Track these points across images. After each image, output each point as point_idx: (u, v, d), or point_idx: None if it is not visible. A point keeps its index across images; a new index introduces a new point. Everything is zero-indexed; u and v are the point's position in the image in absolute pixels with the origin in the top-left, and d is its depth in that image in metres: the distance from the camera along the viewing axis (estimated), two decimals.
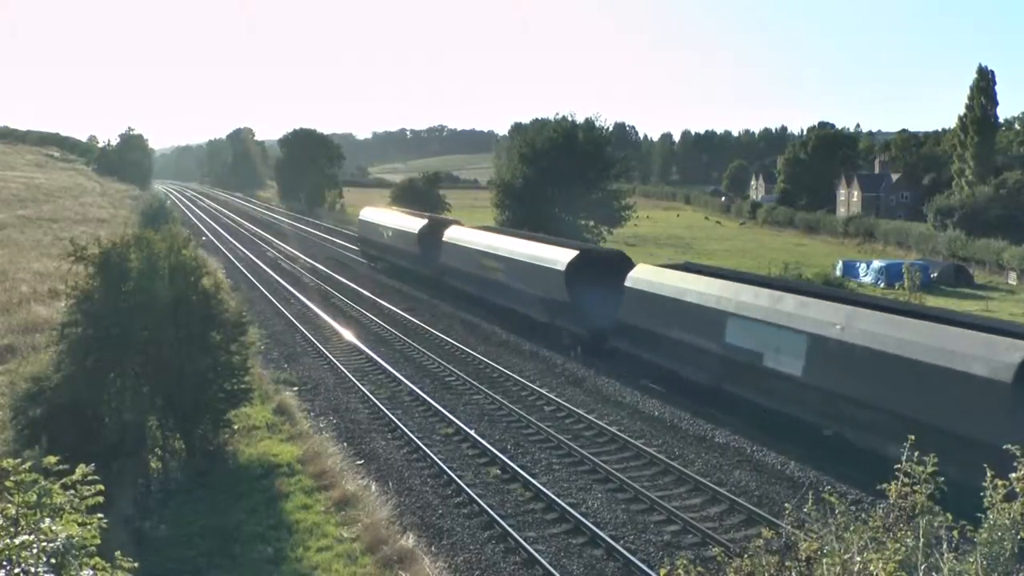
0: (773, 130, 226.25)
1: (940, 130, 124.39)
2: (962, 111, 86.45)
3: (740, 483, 18.61)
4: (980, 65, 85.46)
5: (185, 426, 19.53)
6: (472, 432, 21.69)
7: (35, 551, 4.90)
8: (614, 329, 28.16)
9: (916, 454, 6.00)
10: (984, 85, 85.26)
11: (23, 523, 5.10)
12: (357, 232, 60.46)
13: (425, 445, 20.74)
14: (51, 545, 4.95)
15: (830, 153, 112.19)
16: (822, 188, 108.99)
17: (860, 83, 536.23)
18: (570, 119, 61.16)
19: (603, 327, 28.80)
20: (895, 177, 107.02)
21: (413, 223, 47.57)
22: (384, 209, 58.52)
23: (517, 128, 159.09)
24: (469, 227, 43.35)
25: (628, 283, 27.57)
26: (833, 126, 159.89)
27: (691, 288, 24.90)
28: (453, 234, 42.11)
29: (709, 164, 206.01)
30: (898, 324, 18.49)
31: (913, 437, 6.46)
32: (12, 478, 5.28)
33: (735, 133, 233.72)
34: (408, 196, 73.88)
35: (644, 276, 27.51)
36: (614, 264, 30.59)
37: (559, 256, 31.53)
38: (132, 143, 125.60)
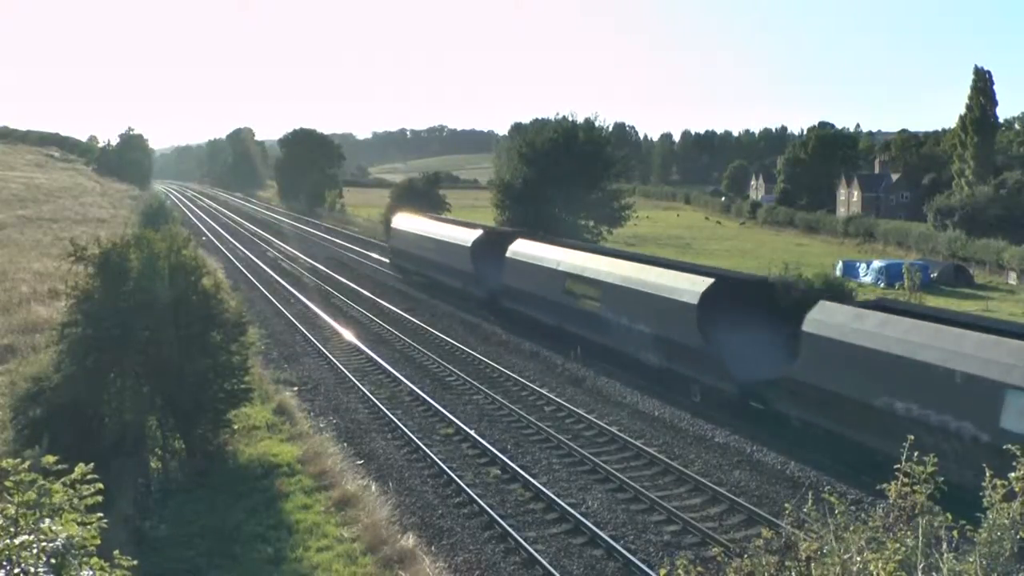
0: (773, 130, 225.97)
1: (940, 130, 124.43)
2: (962, 111, 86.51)
3: (740, 483, 18.61)
4: (976, 66, 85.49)
5: (185, 426, 19.55)
6: (472, 432, 21.69)
7: (35, 551, 4.90)
8: (780, 387, 21.18)
9: (916, 454, 6.00)
10: (982, 86, 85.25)
11: (22, 523, 5.09)
12: (388, 242, 52.66)
13: (425, 445, 20.74)
14: (51, 545, 4.95)
15: (830, 153, 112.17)
16: (822, 188, 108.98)
17: (860, 83, 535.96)
18: (570, 119, 61.13)
19: (754, 381, 22.04)
20: (895, 177, 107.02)
21: (464, 234, 39.96)
22: (423, 216, 49.66)
23: (517, 128, 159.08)
24: (543, 242, 35.54)
25: (810, 328, 20.33)
26: (833, 126, 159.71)
27: (932, 343, 17.47)
28: (522, 249, 34.80)
29: (709, 164, 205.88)
30: None
31: (912, 437, 6.46)
32: (12, 478, 5.28)
33: (735, 133, 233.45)
34: (408, 196, 73.66)
35: (838, 320, 19.92)
36: (763, 295, 24.31)
37: (689, 284, 24.52)
38: (132, 143, 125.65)
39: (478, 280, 37.58)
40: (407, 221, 48.99)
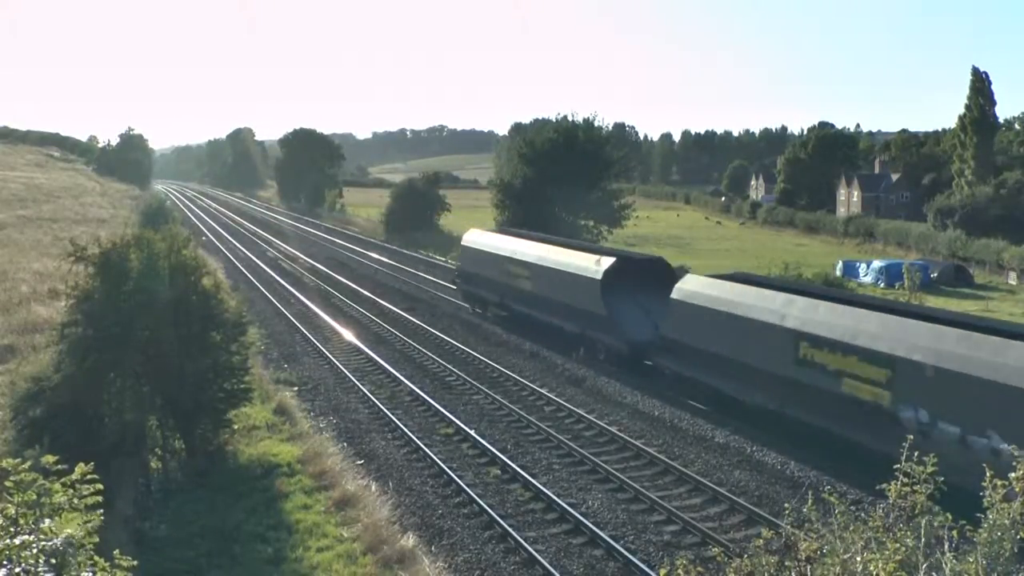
0: (773, 130, 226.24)
1: (940, 130, 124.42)
2: (961, 112, 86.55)
3: (740, 483, 18.61)
4: (974, 67, 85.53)
5: (185, 426, 19.55)
6: (472, 432, 21.69)
7: (35, 551, 4.90)
8: None
9: (916, 454, 6.00)
10: (980, 86, 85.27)
11: (22, 523, 5.10)
12: (457, 265, 42.24)
13: (425, 445, 20.75)
14: (51, 545, 4.95)
15: (830, 153, 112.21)
16: (822, 188, 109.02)
17: (860, 83, 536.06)
18: (570, 119, 61.25)
19: None
20: (895, 177, 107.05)
21: (587, 261, 29.80)
22: (512, 235, 38.45)
23: (517, 128, 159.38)
24: (741, 281, 24.52)
25: None
26: (833, 126, 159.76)
27: None
28: (702, 289, 24.53)
29: (709, 164, 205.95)
30: None
31: (911, 437, 6.46)
32: (12, 478, 5.28)
33: (735, 133, 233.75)
34: (408, 196, 73.80)
35: None
36: None
37: None
38: (132, 143, 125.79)
39: (613, 326, 27.87)
40: (487, 239, 38.37)
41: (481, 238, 38.96)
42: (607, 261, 28.89)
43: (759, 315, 21.71)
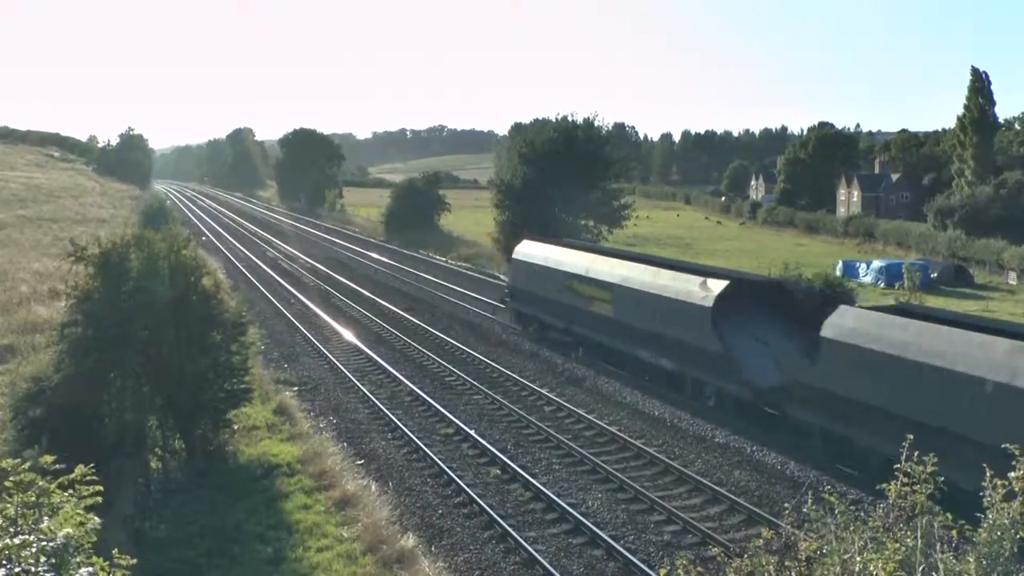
0: (773, 130, 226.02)
1: (940, 130, 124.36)
2: (961, 111, 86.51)
3: (740, 483, 18.61)
4: (973, 67, 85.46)
5: (185, 426, 19.57)
6: (472, 432, 21.69)
7: (34, 550, 4.91)
8: None
9: (916, 454, 6.00)
10: (979, 86, 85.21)
11: (22, 523, 5.10)
12: (507, 280, 37.66)
13: (425, 445, 20.75)
14: (50, 545, 4.95)
15: (830, 153, 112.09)
16: (822, 188, 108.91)
17: (860, 83, 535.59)
18: (570, 119, 61.25)
19: None
20: (895, 177, 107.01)
21: (689, 284, 24.49)
22: (576, 249, 33.18)
23: (517, 128, 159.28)
24: (903, 316, 19.09)
25: None
26: (833, 126, 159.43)
27: None
28: (867, 327, 19.00)
29: (709, 164, 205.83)
30: None
31: (911, 437, 6.46)
32: (11, 478, 5.28)
33: (735, 133, 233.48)
34: (408, 196, 73.79)
35: None
36: None
37: None
38: (132, 143, 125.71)
39: (730, 366, 22.64)
40: (549, 252, 33.07)
41: (540, 251, 33.64)
42: (718, 284, 23.48)
43: (969, 368, 16.37)
